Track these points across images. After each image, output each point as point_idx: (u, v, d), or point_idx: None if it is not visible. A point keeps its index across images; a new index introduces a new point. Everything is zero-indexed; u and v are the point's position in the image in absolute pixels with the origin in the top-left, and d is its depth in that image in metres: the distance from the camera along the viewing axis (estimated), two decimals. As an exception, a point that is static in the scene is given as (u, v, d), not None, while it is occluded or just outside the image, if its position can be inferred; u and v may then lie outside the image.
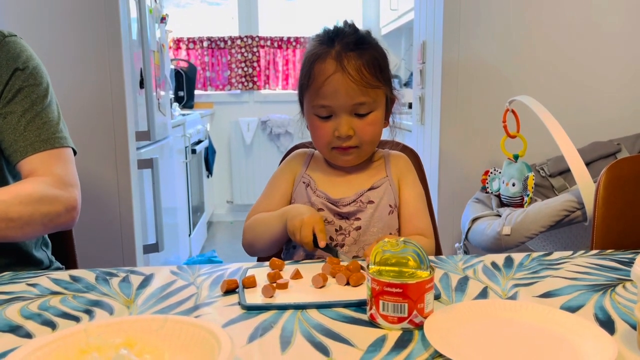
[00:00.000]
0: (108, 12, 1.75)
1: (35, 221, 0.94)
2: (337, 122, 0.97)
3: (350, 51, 0.95)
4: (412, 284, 0.61)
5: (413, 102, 2.28)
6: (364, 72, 0.95)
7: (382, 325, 0.62)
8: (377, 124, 0.99)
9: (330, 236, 0.99)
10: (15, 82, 1.01)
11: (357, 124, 0.97)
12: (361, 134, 0.97)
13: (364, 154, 1.02)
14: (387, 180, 1.03)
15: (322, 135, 0.99)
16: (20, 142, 1.00)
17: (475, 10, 1.90)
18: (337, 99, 0.95)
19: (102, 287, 0.78)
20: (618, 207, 1.09)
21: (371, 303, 0.63)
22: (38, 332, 0.64)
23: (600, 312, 0.66)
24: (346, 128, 0.96)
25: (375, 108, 0.98)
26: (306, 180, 1.04)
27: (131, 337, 0.53)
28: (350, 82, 0.94)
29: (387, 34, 4.27)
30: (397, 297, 0.61)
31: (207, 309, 0.70)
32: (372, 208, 1.00)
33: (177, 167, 2.86)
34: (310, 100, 0.98)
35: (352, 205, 1.00)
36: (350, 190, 1.01)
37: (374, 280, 0.62)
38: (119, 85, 1.78)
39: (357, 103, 0.95)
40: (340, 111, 0.96)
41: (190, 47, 4.36)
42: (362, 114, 0.97)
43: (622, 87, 1.97)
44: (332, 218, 1.00)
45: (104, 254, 1.83)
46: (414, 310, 0.61)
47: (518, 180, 1.68)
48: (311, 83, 0.97)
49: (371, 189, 1.01)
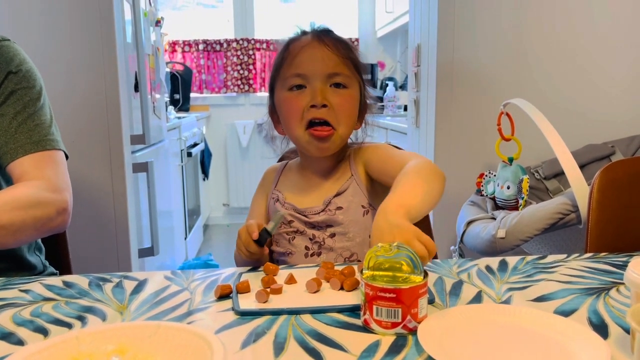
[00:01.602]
0: (102, 15, 1.75)
1: (28, 226, 0.93)
2: (311, 91, 0.93)
3: (326, 36, 0.96)
4: (406, 289, 0.61)
5: (408, 105, 2.28)
6: (339, 45, 0.95)
7: (375, 330, 0.62)
8: (352, 103, 0.96)
9: (306, 245, 0.98)
10: (7, 85, 1.01)
11: (333, 96, 0.93)
12: (337, 108, 0.93)
13: (339, 140, 0.96)
14: (352, 181, 0.98)
15: (295, 107, 0.93)
16: (10, 144, 0.99)
17: (470, 13, 1.90)
18: (312, 65, 0.93)
19: (95, 293, 0.78)
20: (612, 210, 1.09)
21: (365, 308, 0.63)
22: (30, 339, 0.63)
23: (594, 315, 0.66)
24: (321, 96, 0.92)
25: (350, 85, 0.95)
26: (275, 196, 1.03)
27: (123, 344, 0.53)
28: (326, 50, 0.94)
29: (382, 36, 4.28)
30: (390, 302, 0.61)
31: (200, 314, 0.70)
32: (342, 214, 0.96)
33: (172, 171, 2.86)
34: (284, 76, 0.95)
35: (322, 214, 0.97)
36: (319, 199, 0.98)
37: (367, 285, 0.62)
38: (114, 88, 1.78)
39: (333, 72, 0.93)
40: (315, 79, 0.93)
41: (186, 50, 4.35)
42: (338, 86, 0.94)
43: (616, 89, 1.98)
44: (303, 228, 0.98)
45: (99, 258, 1.82)
46: (407, 315, 0.61)
47: (513, 183, 1.68)
48: (285, 59, 0.95)
49: (337, 195, 0.97)
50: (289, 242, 0.99)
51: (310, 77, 0.93)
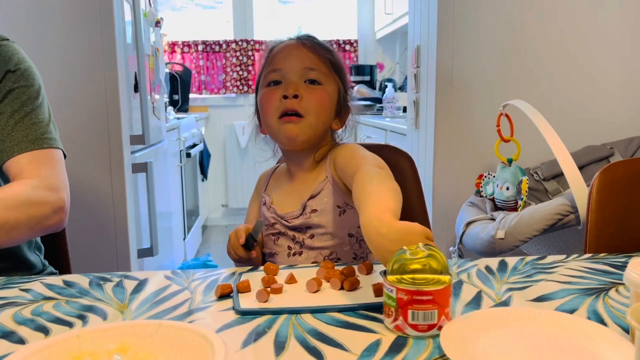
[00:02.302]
0: (102, 16, 1.75)
1: (22, 225, 0.92)
2: (285, 84, 0.97)
3: (306, 39, 1.02)
4: (441, 290, 0.60)
5: (407, 106, 2.29)
6: (317, 47, 1.00)
7: (410, 335, 0.61)
8: (325, 98, 0.98)
9: (288, 245, 1.00)
10: (5, 84, 1.01)
11: (305, 89, 0.97)
12: (308, 99, 0.96)
13: (307, 128, 0.97)
14: (327, 182, 0.98)
15: (269, 100, 0.98)
16: (7, 143, 0.99)
17: (469, 14, 1.91)
18: (288, 62, 0.98)
19: (96, 292, 0.78)
20: (611, 211, 1.09)
21: (397, 314, 0.61)
22: (31, 338, 0.64)
23: (594, 316, 0.67)
24: (293, 88, 0.96)
25: (325, 83, 0.99)
26: (264, 199, 1.06)
27: (124, 343, 0.53)
28: (303, 48, 0.99)
29: (381, 37, 4.28)
30: (427, 304, 0.59)
31: (201, 314, 0.70)
32: (317, 216, 0.97)
33: (171, 171, 2.86)
34: (264, 76, 1.01)
35: (300, 218, 0.98)
36: (297, 202, 1.00)
37: (401, 290, 0.60)
38: (113, 89, 1.78)
39: (307, 67, 0.97)
40: (291, 74, 0.97)
41: (185, 51, 4.35)
42: (312, 82, 0.98)
43: (615, 91, 1.98)
44: (284, 230, 1.01)
45: (98, 258, 1.82)
46: (442, 316, 0.60)
47: (512, 184, 1.69)
48: (267, 60, 1.01)
49: (311, 197, 0.98)
50: (274, 242, 1.03)
51: (286, 72, 0.98)
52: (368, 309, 0.69)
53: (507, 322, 0.61)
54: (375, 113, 3.60)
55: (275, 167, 1.13)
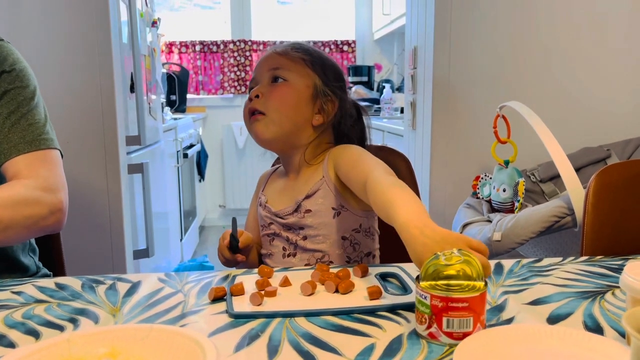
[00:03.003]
0: (98, 16, 1.74)
1: (17, 224, 0.92)
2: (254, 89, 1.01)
3: (283, 46, 1.04)
4: (477, 297, 0.59)
5: (404, 107, 2.29)
6: (289, 49, 1.02)
7: (444, 342, 0.59)
8: (287, 93, 0.99)
9: (283, 246, 1.01)
10: (1, 85, 1.00)
11: (267, 88, 0.99)
12: (268, 97, 0.98)
13: (272, 125, 0.98)
14: (323, 182, 0.97)
15: (244, 109, 1.02)
16: (4, 144, 0.98)
17: (466, 16, 1.91)
18: (258, 69, 1.02)
19: (88, 295, 0.77)
20: (607, 213, 1.09)
21: (430, 321, 0.60)
22: (21, 342, 0.63)
23: (589, 319, 0.66)
24: (256, 90, 0.99)
25: (290, 78, 0.99)
26: (260, 199, 1.07)
27: (115, 347, 0.53)
28: (274, 54, 1.02)
29: (379, 38, 4.28)
30: (463, 311, 0.58)
31: (194, 317, 0.69)
32: (311, 217, 0.97)
33: (168, 172, 2.85)
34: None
35: (294, 216, 0.98)
36: (291, 200, 1.00)
37: (435, 297, 0.59)
38: (109, 89, 1.77)
39: (273, 67, 1.00)
40: (260, 79, 1.01)
41: (183, 51, 4.35)
42: (275, 80, 1.00)
43: (613, 93, 1.98)
44: (279, 230, 1.01)
45: (93, 260, 1.81)
46: (477, 323, 0.59)
47: (509, 185, 1.68)
48: None
49: (306, 197, 0.97)
50: (269, 243, 1.03)
51: (257, 78, 1.02)
52: (363, 312, 0.69)
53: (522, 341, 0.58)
54: (372, 114, 3.60)
55: (275, 167, 1.13)
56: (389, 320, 0.66)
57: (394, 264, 0.87)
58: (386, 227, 1.02)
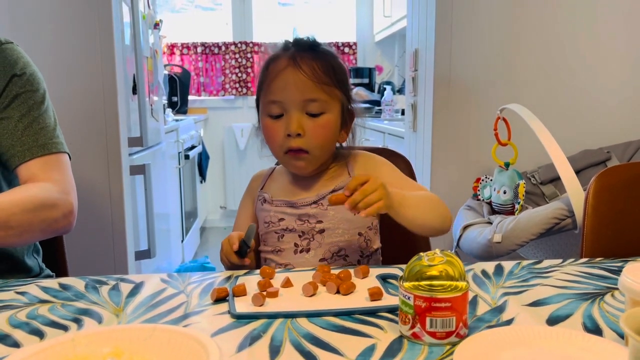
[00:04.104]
0: (101, 18, 1.75)
1: (34, 228, 0.94)
2: (287, 119, 0.95)
3: (305, 52, 0.96)
4: (459, 297, 0.59)
5: (405, 109, 2.29)
6: (316, 67, 0.94)
7: (427, 342, 0.60)
8: (329, 128, 0.97)
9: (295, 242, 0.99)
10: (12, 89, 1.02)
11: (307, 124, 0.95)
12: (311, 135, 0.95)
13: (315, 161, 0.99)
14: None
15: (273, 136, 0.97)
16: (17, 147, 1.00)
17: (467, 18, 1.91)
18: (287, 93, 0.94)
19: (92, 296, 0.78)
20: (607, 215, 1.10)
21: (414, 321, 0.60)
22: (26, 342, 0.63)
23: (589, 321, 0.67)
24: (296, 125, 0.94)
25: (327, 110, 0.96)
26: (261, 197, 1.05)
27: (119, 347, 0.53)
28: (301, 76, 0.93)
29: (380, 40, 4.29)
30: (445, 311, 0.59)
31: (196, 317, 0.70)
32: (334, 210, 0.97)
33: (170, 173, 2.86)
34: (263, 100, 0.98)
35: (313, 207, 0.98)
36: (312, 193, 1.00)
37: (419, 297, 0.59)
38: (112, 91, 1.78)
39: (308, 99, 0.94)
40: (291, 107, 0.94)
41: (184, 53, 4.36)
42: (314, 114, 0.95)
43: (612, 95, 1.98)
44: (293, 225, 0.99)
45: (95, 261, 1.82)
46: (460, 323, 0.60)
47: (509, 187, 1.69)
48: (264, 81, 0.97)
49: (333, 191, 0.98)
50: (278, 239, 1.01)
51: (285, 104, 0.95)
52: (364, 313, 0.69)
53: (522, 342, 0.58)
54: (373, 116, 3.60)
55: (272, 168, 1.11)
56: (389, 321, 0.67)
57: (394, 265, 0.88)
58: (387, 225, 1.03)
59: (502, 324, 0.66)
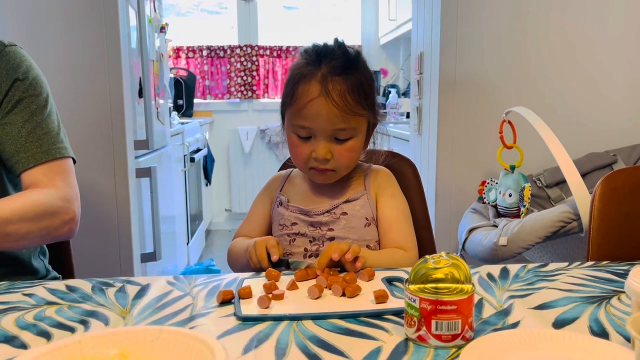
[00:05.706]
0: (107, 22, 1.76)
1: (33, 235, 0.95)
2: (315, 144, 0.97)
3: (337, 75, 0.95)
4: (465, 299, 0.59)
5: (410, 112, 2.29)
6: (348, 98, 0.94)
7: (433, 345, 0.60)
8: (355, 151, 1.00)
9: (305, 247, 1.02)
10: (15, 93, 1.01)
11: (335, 149, 0.98)
12: (339, 158, 0.98)
13: (339, 176, 1.03)
14: (365, 194, 1.04)
15: (299, 154, 1.00)
16: (21, 154, 1.00)
17: (472, 21, 1.91)
18: (317, 122, 0.95)
19: (98, 298, 0.78)
20: (613, 219, 1.09)
21: (420, 324, 0.60)
22: (33, 343, 0.64)
23: (595, 324, 0.67)
24: (324, 152, 0.97)
25: (355, 135, 0.98)
26: (279, 199, 1.07)
27: (125, 349, 0.53)
28: (332, 107, 0.94)
29: (385, 43, 4.29)
30: (451, 314, 0.59)
31: (202, 319, 0.70)
32: (345, 219, 1.01)
33: (175, 176, 2.87)
34: (291, 118, 0.99)
35: (326, 215, 1.01)
36: (325, 202, 1.03)
37: (424, 300, 0.59)
38: (118, 94, 1.79)
39: (337, 129, 0.96)
40: (320, 134, 0.96)
41: (190, 56, 4.37)
42: (342, 140, 0.97)
43: (619, 98, 1.98)
44: (305, 230, 1.02)
45: (101, 263, 1.83)
46: (465, 326, 0.60)
47: (515, 190, 1.69)
48: (293, 102, 0.96)
49: (347, 201, 1.02)
50: (290, 243, 1.03)
51: (315, 130, 0.96)
52: (369, 316, 0.69)
53: (528, 345, 0.58)
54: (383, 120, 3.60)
55: (290, 170, 1.13)
56: (395, 324, 0.67)
57: (399, 269, 0.88)
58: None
59: (508, 327, 0.66)
